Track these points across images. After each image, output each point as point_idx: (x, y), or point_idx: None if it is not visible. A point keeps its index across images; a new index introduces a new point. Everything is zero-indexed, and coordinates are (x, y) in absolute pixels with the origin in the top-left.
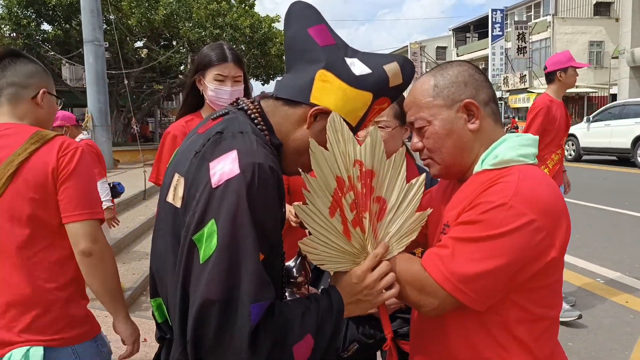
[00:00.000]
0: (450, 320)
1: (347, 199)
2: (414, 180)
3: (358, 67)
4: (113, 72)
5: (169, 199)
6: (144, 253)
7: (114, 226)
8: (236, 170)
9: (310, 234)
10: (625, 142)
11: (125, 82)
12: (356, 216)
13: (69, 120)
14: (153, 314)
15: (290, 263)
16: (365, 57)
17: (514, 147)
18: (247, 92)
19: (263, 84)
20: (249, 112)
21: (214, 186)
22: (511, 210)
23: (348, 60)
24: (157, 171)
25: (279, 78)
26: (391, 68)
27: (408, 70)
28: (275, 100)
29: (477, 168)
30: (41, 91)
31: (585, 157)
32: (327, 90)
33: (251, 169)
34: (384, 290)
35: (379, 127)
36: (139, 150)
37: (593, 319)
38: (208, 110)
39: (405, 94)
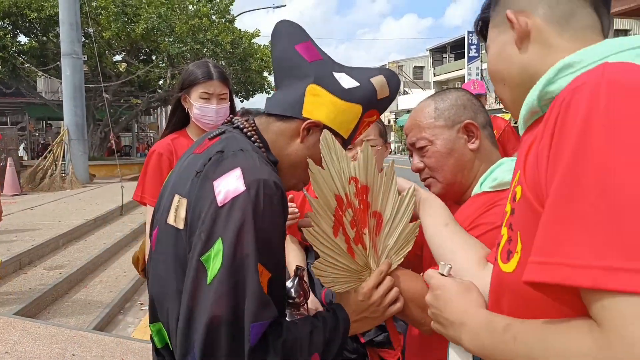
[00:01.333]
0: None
1: (347, 216)
2: (404, 192)
3: (346, 81)
4: (90, 85)
5: (170, 220)
6: (121, 270)
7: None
8: (241, 187)
9: (318, 256)
10: None
11: (105, 95)
12: (357, 233)
13: None
14: (152, 339)
15: (288, 283)
16: (352, 71)
17: (512, 170)
18: (233, 109)
19: (242, 101)
20: (244, 130)
21: (220, 205)
22: None
23: (336, 75)
24: (141, 189)
25: (258, 94)
26: (378, 81)
27: (394, 83)
28: (268, 117)
29: (476, 190)
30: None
31: None
32: (318, 103)
33: (256, 186)
34: (389, 306)
35: None
36: (115, 165)
37: None
38: (194, 129)
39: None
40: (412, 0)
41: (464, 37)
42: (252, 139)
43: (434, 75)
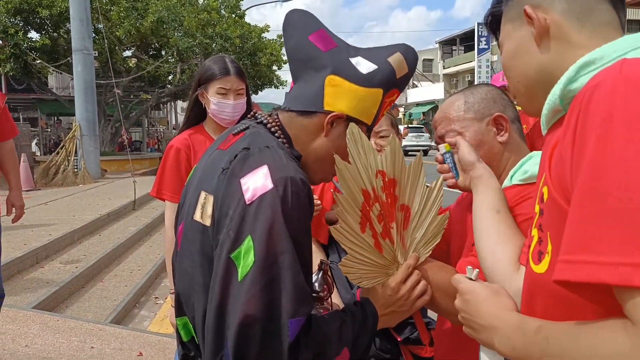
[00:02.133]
0: None
1: (374, 211)
2: (432, 184)
3: (364, 65)
4: (101, 81)
5: (197, 217)
6: (135, 264)
7: None
8: (269, 185)
9: (339, 253)
10: None
11: (116, 91)
12: (384, 227)
13: None
14: (178, 332)
15: (312, 277)
16: (368, 53)
17: None
18: (249, 104)
19: (251, 94)
20: (268, 125)
21: (247, 202)
22: None
23: (353, 60)
24: (159, 185)
25: (267, 88)
26: (395, 59)
27: (411, 58)
28: (290, 113)
29: (507, 183)
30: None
31: None
32: (338, 94)
33: (284, 183)
34: (417, 299)
35: (380, 136)
36: (126, 160)
37: None
38: (211, 124)
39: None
40: None
41: (474, 29)
42: (276, 134)
43: (444, 68)
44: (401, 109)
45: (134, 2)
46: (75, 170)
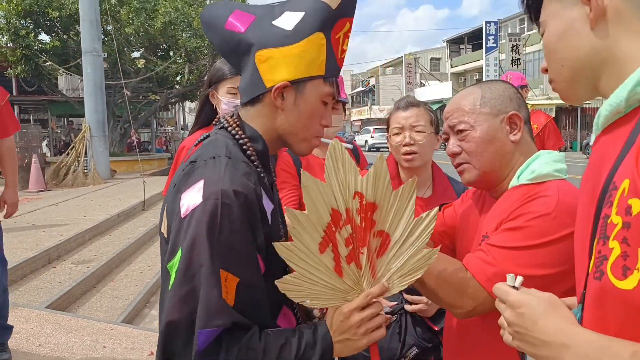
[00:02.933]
0: (492, 326)
1: (343, 233)
2: (424, 214)
3: (290, 20)
4: (110, 82)
5: (162, 229)
6: (145, 264)
7: None
8: (199, 199)
9: (291, 270)
10: None
11: (125, 92)
12: (352, 251)
13: None
14: None
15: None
16: (294, 2)
17: (549, 162)
18: None
19: None
20: (229, 128)
21: (182, 216)
22: (555, 220)
23: (277, 22)
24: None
25: None
26: None
27: None
28: (245, 107)
29: (514, 182)
30: None
31: None
32: (272, 66)
33: (213, 197)
34: (372, 332)
35: (416, 130)
36: (135, 161)
37: None
38: None
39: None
40: None
41: (482, 28)
42: (237, 136)
43: (451, 67)
44: None
45: (142, 2)
46: (85, 171)
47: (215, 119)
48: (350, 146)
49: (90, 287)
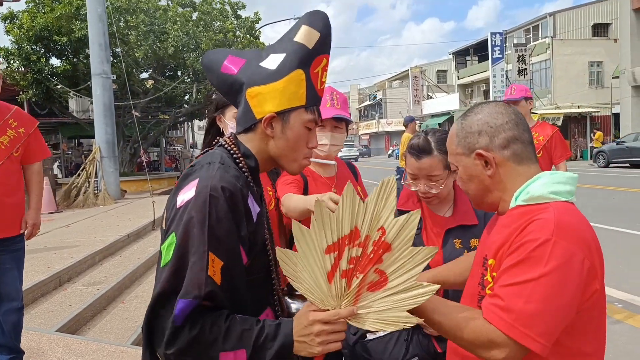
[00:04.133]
0: None
1: (352, 251)
2: (425, 283)
3: (274, 61)
4: (120, 103)
5: (163, 224)
6: None
7: None
8: (192, 193)
9: (295, 249)
10: None
11: (134, 113)
12: (350, 270)
13: None
14: None
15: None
16: (278, 46)
17: (546, 184)
18: None
19: None
20: (225, 145)
21: (177, 207)
22: (557, 245)
23: (264, 63)
24: None
25: None
26: (301, 34)
27: (317, 21)
28: (240, 134)
29: (512, 204)
30: None
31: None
32: (261, 101)
33: (204, 191)
34: (326, 344)
35: (431, 181)
36: (145, 180)
37: (613, 345)
38: None
39: None
40: (432, 5)
41: (487, 39)
42: (232, 152)
43: (458, 79)
44: (417, 122)
45: (151, 25)
46: (96, 191)
47: (215, 140)
48: (332, 162)
49: (100, 309)
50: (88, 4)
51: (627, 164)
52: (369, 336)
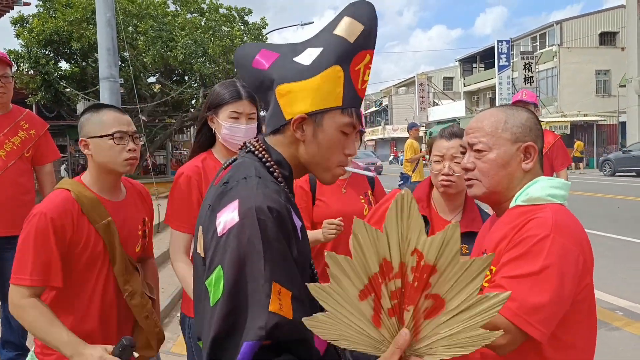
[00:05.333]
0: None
1: (390, 285)
2: (492, 294)
3: (310, 55)
4: (127, 106)
5: (198, 249)
6: (161, 287)
7: None
8: (236, 218)
9: (323, 310)
10: None
11: (141, 117)
12: (396, 305)
13: None
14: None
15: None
16: (315, 39)
17: (544, 187)
18: (259, 128)
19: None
20: (255, 152)
21: (219, 234)
22: (554, 241)
23: (299, 58)
24: (167, 212)
25: None
26: (342, 27)
27: (363, 12)
28: (269, 136)
29: (512, 204)
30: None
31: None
32: (292, 100)
33: (250, 215)
34: None
35: (456, 162)
36: (151, 184)
37: (613, 352)
38: (220, 149)
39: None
40: (440, 12)
41: (494, 47)
42: (263, 159)
43: (464, 86)
44: (422, 128)
45: (159, 31)
46: None
47: (242, 144)
48: (371, 174)
49: None
50: (97, 8)
51: (634, 173)
52: None
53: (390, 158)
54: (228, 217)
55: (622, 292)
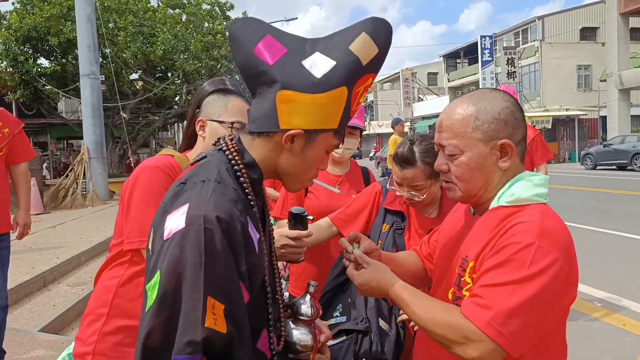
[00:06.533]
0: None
1: None
2: None
3: (320, 65)
4: (109, 104)
5: (149, 245)
6: None
7: None
8: (182, 224)
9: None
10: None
11: (122, 114)
12: None
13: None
14: None
15: (300, 300)
16: (328, 45)
17: (530, 186)
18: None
19: None
20: (227, 152)
21: (165, 238)
22: (539, 250)
23: (307, 63)
24: None
25: None
26: (359, 44)
27: (382, 34)
28: (250, 134)
29: (494, 204)
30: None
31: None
32: (292, 110)
33: (196, 222)
34: None
35: (414, 190)
36: None
37: (591, 343)
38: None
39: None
40: (424, 8)
41: (477, 42)
42: (232, 161)
43: (448, 81)
44: (407, 124)
45: (140, 27)
46: (84, 192)
47: (216, 140)
48: (337, 191)
49: (84, 309)
50: (77, 4)
51: (614, 166)
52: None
53: (371, 154)
54: (175, 222)
55: (600, 283)
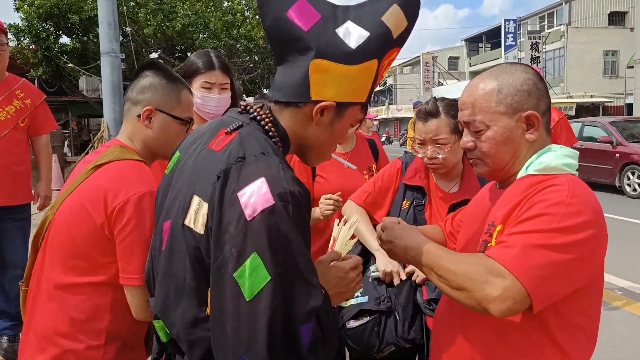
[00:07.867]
0: (488, 318)
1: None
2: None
3: (354, 36)
4: (129, 82)
5: (188, 222)
6: None
7: None
8: (271, 200)
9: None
10: None
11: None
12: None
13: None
14: (156, 333)
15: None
16: (359, 15)
17: (560, 156)
18: (235, 99)
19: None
20: (262, 123)
21: (249, 219)
22: (570, 207)
23: (341, 31)
24: None
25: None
26: (391, 16)
27: (411, 6)
28: (278, 104)
29: (522, 173)
30: (145, 109)
31: None
32: (326, 81)
33: (286, 198)
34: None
35: (437, 144)
36: None
37: (612, 332)
38: (195, 118)
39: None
40: None
41: (500, 26)
42: (270, 133)
43: (470, 66)
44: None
45: (160, 4)
46: None
47: (242, 106)
48: (354, 167)
49: None
50: None
51: None
52: (347, 325)
53: (383, 138)
54: (257, 197)
55: (622, 272)
